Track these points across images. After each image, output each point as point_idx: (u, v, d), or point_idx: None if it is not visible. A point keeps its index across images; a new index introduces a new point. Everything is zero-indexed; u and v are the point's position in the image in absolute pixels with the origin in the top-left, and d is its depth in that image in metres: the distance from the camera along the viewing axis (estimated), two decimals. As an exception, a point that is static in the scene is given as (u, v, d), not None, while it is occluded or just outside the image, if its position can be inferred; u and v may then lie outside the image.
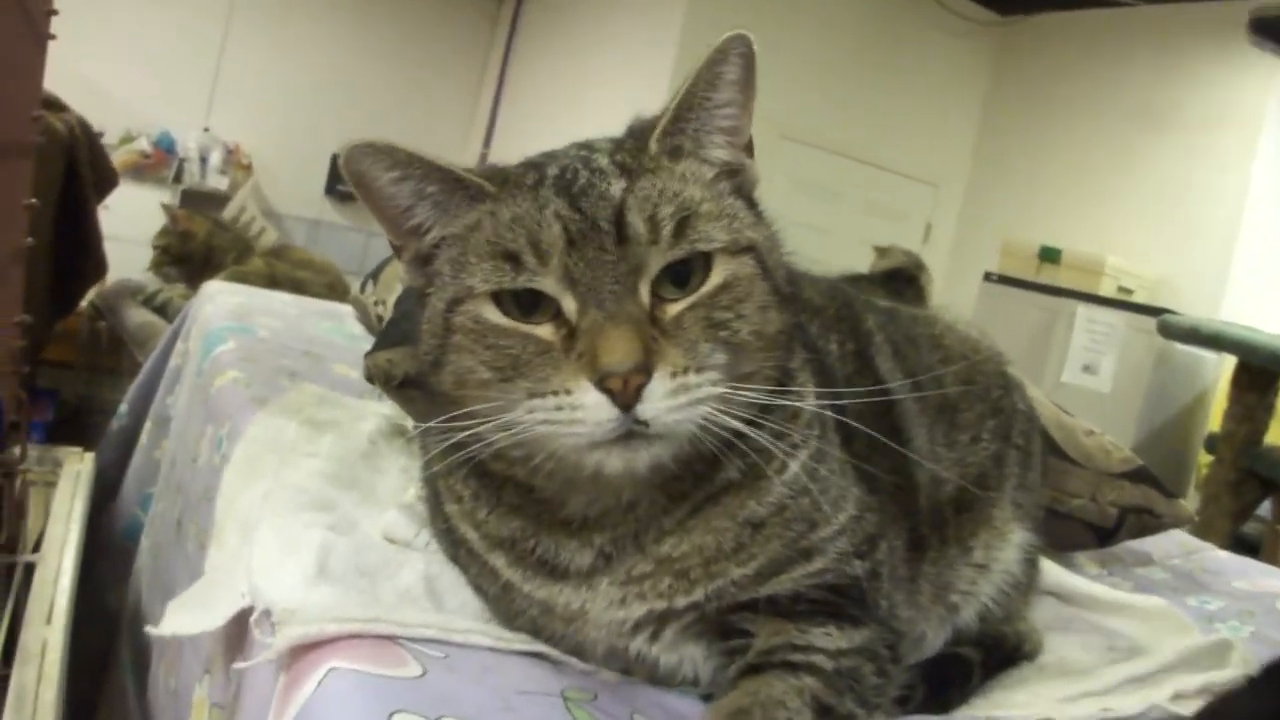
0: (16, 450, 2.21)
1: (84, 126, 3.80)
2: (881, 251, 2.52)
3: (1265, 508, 4.54)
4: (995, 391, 1.47)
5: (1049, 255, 6.32)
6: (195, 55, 7.87)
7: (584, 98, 7.45)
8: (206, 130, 7.83)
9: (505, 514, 1.07)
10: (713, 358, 0.96)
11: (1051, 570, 1.66)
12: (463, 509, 1.11)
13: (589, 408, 0.92)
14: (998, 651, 1.36)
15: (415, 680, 0.95)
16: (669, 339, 0.95)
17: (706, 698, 1.08)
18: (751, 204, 1.08)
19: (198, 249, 5.06)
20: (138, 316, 4.79)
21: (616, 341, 0.91)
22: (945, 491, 1.35)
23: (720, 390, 0.96)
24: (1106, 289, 6.03)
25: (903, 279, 2.29)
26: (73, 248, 3.61)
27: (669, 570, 1.03)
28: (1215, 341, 4.54)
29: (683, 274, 0.97)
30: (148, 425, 2.69)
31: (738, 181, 1.07)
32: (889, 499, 1.23)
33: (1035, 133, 7.54)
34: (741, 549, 1.03)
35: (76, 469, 2.50)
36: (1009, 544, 1.41)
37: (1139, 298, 6.06)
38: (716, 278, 0.98)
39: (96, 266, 3.86)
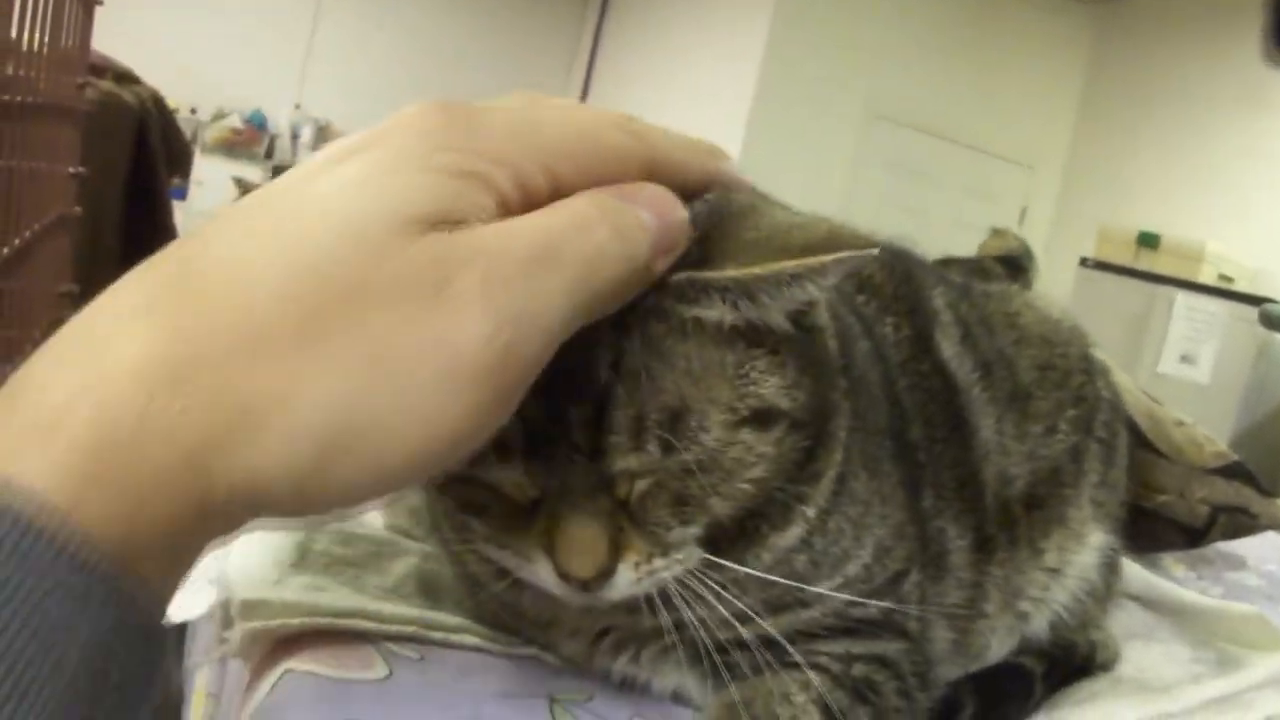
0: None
1: (157, 100, 3.79)
2: (997, 233, 2.41)
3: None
4: (1076, 377, 1.32)
5: (1147, 241, 6.16)
6: (287, 32, 7.95)
7: (673, 74, 7.39)
8: (298, 107, 7.90)
9: None
10: (686, 534, 0.81)
11: (1134, 572, 1.53)
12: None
13: (546, 581, 0.80)
14: (1066, 662, 1.23)
15: (376, 684, 0.85)
16: (636, 527, 0.79)
17: None
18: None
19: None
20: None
21: (578, 546, 0.77)
22: (1015, 488, 1.22)
23: (694, 561, 0.82)
24: (1206, 276, 5.87)
25: (1013, 266, 2.17)
26: (143, 222, 3.59)
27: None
28: (1320, 333, 4.37)
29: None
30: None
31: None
32: (951, 495, 1.12)
33: (1135, 114, 7.37)
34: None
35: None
36: (1086, 547, 1.27)
37: (1240, 286, 5.89)
38: (696, 450, 0.76)
39: (167, 240, 3.83)
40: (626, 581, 0.80)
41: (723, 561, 0.83)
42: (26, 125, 1.69)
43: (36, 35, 1.72)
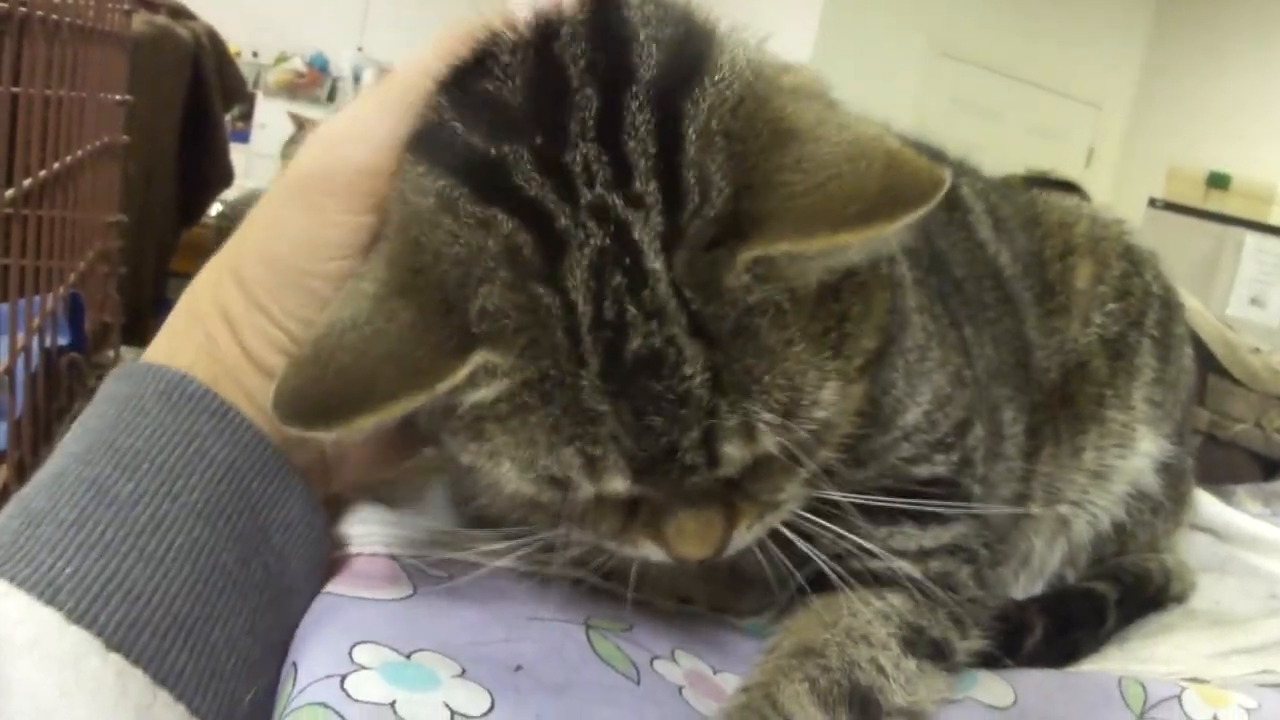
0: (111, 353, 2.14)
1: (211, 36, 3.76)
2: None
3: None
4: (1115, 267, 1.27)
5: (1218, 181, 6.05)
6: (349, -26, 7.90)
7: (734, 15, 7.31)
8: (360, 49, 7.87)
9: None
10: (796, 488, 0.77)
11: (1207, 504, 1.47)
12: None
13: (656, 558, 0.76)
14: (1139, 590, 1.18)
15: (396, 603, 0.80)
16: (747, 498, 0.75)
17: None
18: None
19: (326, 158, 5.02)
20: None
21: (692, 534, 0.73)
22: (1050, 379, 1.18)
23: (801, 498, 0.79)
24: (1277, 218, 5.74)
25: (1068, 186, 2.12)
26: (199, 156, 3.58)
27: None
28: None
29: None
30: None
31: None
32: (1008, 370, 1.09)
33: (1206, 51, 7.20)
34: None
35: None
36: (1134, 451, 1.21)
37: (1313, 228, 5.75)
38: (812, 426, 0.71)
39: (223, 175, 3.84)
40: (740, 543, 0.76)
41: (825, 491, 0.79)
42: (72, 50, 1.66)
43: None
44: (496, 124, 0.70)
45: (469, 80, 0.73)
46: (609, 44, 0.71)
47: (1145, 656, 1.09)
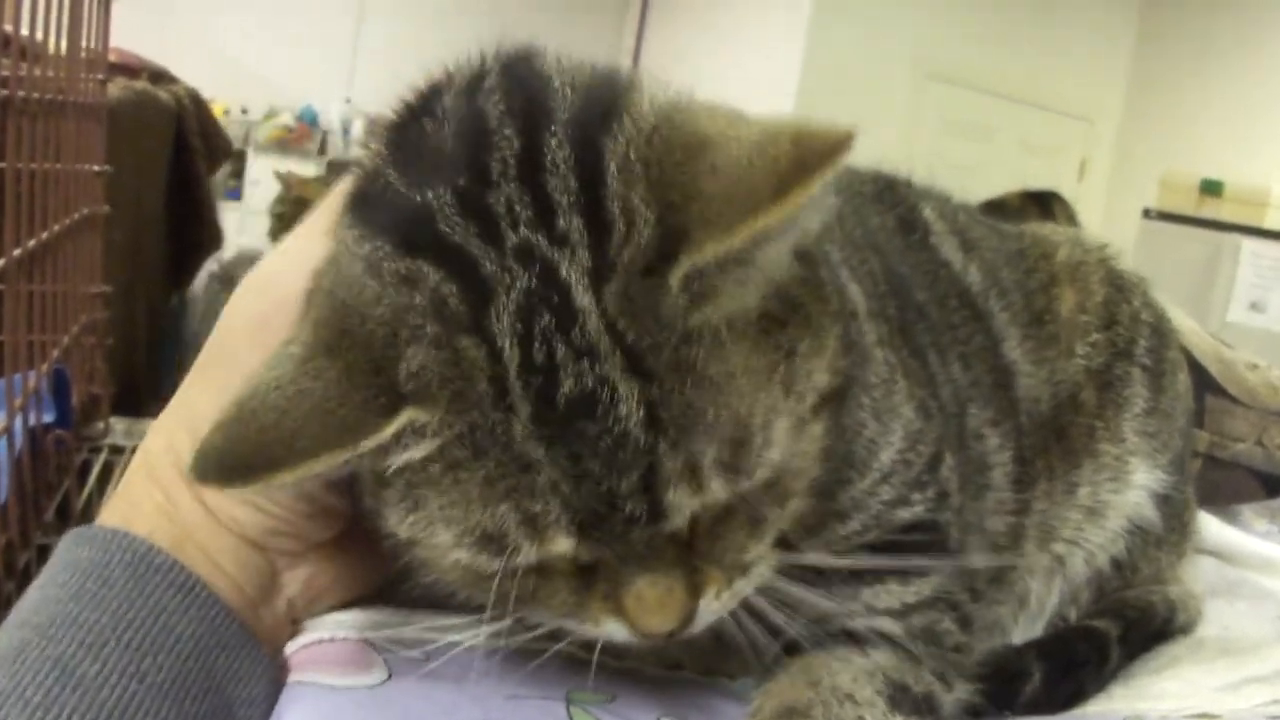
0: (100, 425, 2.12)
1: (194, 97, 3.77)
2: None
3: None
4: (1098, 293, 1.24)
5: (1211, 188, 6.01)
6: (334, 27, 7.99)
7: (723, 38, 7.34)
8: (348, 101, 7.90)
9: None
10: (763, 547, 0.74)
11: (1211, 526, 1.45)
12: None
13: (621, 638, 0.73)
14: (1143, 624, 1.15)
15: (369, 690, 0.78)
16: (710, 560, 0.71)
17: None
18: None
19: (313, 213, 5.05)
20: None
21: (652, 605, 0.69)
22: (1040, 410, 1.15)
23: (774, 562, 0.76)
24: (1273, 222, 5.72)
25: (1040, 200, 2.12)
26: (187, 219, 3.58)
27: None
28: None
29: None
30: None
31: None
32: (987, 391, 1.07)
33: (1192, 60, 7.23)
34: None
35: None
36: (1128, 484, 1.18)
37: (1308, 230, 5.73)
38: (765, 471, 0.69)
39: (212, 237, 3.84)
40: (710, 613, 0.72)
41: (800, 556, 0.77)
42: (48, 124, 1.65)
43: (54, 33, 1.68)
44: (426, 168, 0.69)
45: (411, 125, 0.73)
46: (526, 88, 0.70)
47: (1153, 693, 1.06)
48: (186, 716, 0.71)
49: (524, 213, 0.65)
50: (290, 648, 0.83)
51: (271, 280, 0.80)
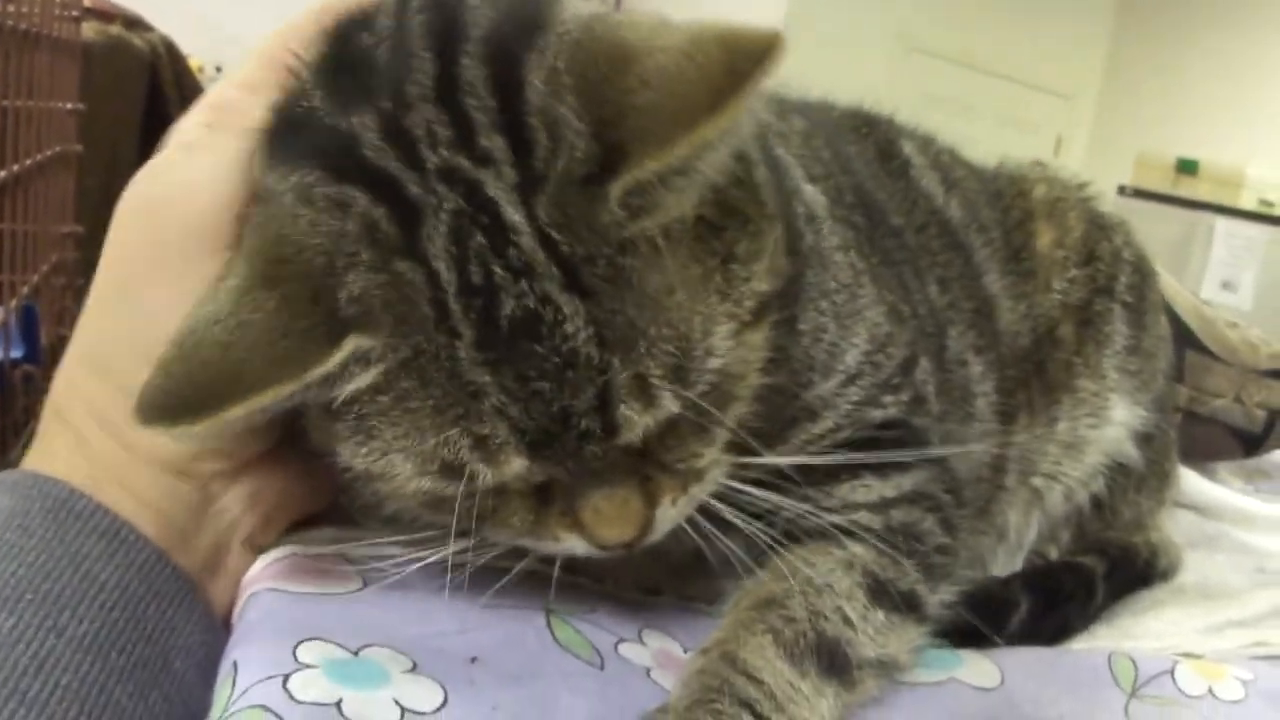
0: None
1: (169, 47, 3.72)
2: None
3: None
4: (1075, 229, 1.24)
5: (1186, 167, 6.04)
6: (307, -15, 7.88)
7: (700, 8, 7.32)
8: (321, 61, 7.86)
9: None
10: (715, 453, 0.73)
11: (1190, 481, 1.45)
12: None
13: (582, 552, 0.72)
14: (1127, 565, 1.14)
15: (344, 598, 0.76)
16: (663, 469, 0.71)
17: None
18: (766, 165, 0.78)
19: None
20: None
21: (609, 516, 0.69)
22: (1020, 344, 1.15)
23: (726, 466, 0.75)
24: (1247, 202, 5.74)
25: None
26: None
27: None
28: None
29: None
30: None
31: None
32: (968, 316, 1.07)
33: (1171, 38, 7.24)
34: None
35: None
36: (1108, 420, 1.18)
37: (1282, 211, 5.76)
38: (709, 377, 0.68)
39: (183, 187, 3.80)
40: (668, 520, 0.72)
41: (759, 452, 0.75)
42: (21, 59, 1.62)
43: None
44: (355, 91, 0.68)
45: (349, 41, 0.72)
46: (445, 8, 0.69)
47: (1136, 633, 1.06)
48: (113, 670, 0.67)
49: (443, 133, 0.65)
50: (255, 566, 0.81)
51: (157, 205, 0.77)
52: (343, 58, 0.71)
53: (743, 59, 0.62)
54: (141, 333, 0.72)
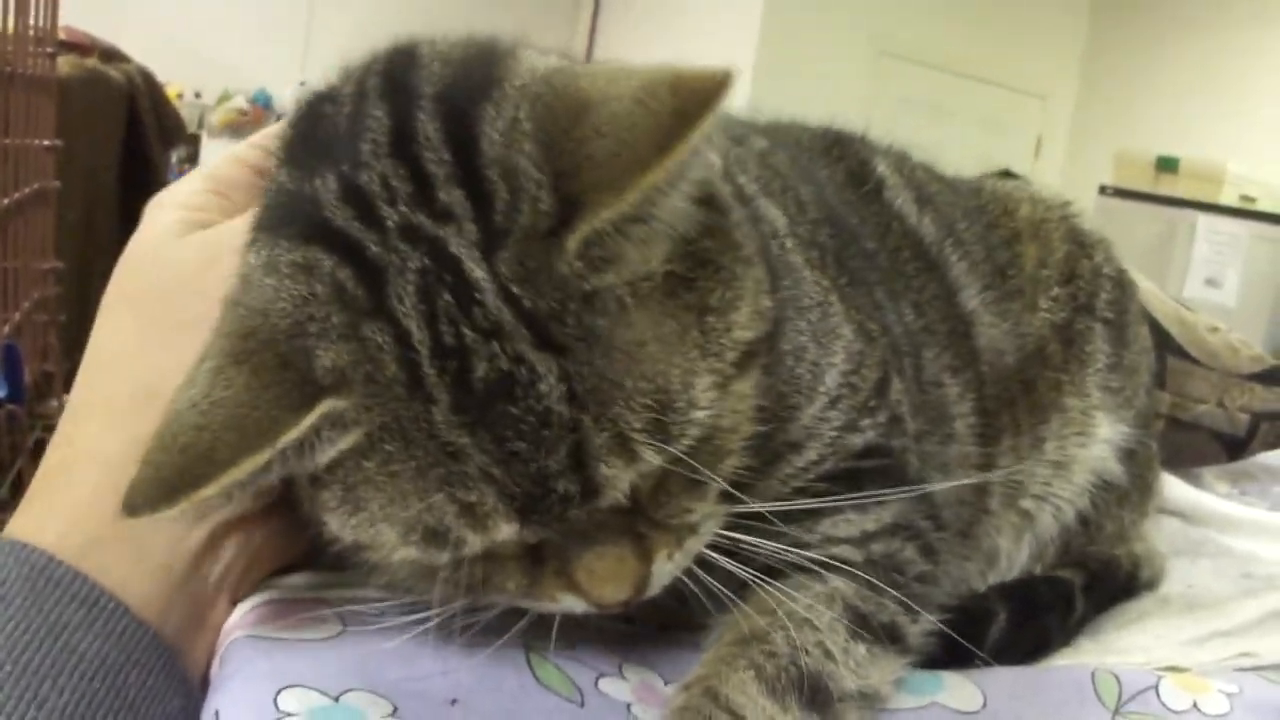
0: (54, 402, 2.10)
1: (146, 76, 3.74)
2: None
3: None
4: (1059, 249, 1.24)
5: (1166, 165, 6.05)
6: (287, 10, 7.92)
7: (679, 15, 7.32)
8: (303, 84, 7.83)
9: None
10: (708, 505, 0.73)
11: (1174, 487, 1.45)
12: None
13: (579, 610, 0.73)
14: (1107, 577, 1.14)
15: (324, 643, 0.76)
16: (656, 525, 0.71)
17: None
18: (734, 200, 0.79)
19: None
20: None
21: (603, 576, 0.69)
22: (1005, 362, 1.14)
23: (721, 517, 0.76)
24: (1228, 198, 5.76)
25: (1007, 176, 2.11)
26: (141, 198, 3.55)
27: None
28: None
29: None
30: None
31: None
32: (943, 338, 1.06)
33: (1147, 36, 7.27)
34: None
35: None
36: (1093, 439, 1.18)
37: (1263, 206, 5.77)
38: (695, 431, 0.67)
39: (166, 216, 3.80)
40: (665, 575, 0.72)
41: (746, 502, 0.75)
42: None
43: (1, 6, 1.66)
44: (317, 157, 0.69)
45: (313, 114, 0.73)
46: (398, 69, 0.71)
47: (1120, 647, 1.06)
48: None
49: (402, 188, 0.65)
50: (235, 614, 0.81)
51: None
52: (308, 130, 0.72)
53: (690, 101, 0.62)
54: (138, 378, 0.76)
